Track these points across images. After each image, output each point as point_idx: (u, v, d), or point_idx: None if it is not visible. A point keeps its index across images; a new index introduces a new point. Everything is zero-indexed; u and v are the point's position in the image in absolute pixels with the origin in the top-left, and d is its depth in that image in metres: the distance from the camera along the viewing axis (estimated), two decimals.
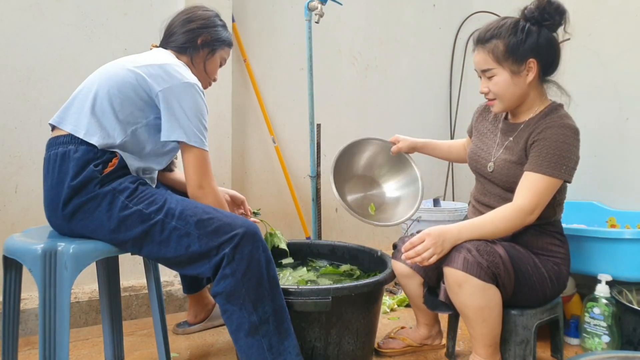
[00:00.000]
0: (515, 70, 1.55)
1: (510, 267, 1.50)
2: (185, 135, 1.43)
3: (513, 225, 1.50)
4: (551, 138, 1.51)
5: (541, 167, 1.50)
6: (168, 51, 1.60)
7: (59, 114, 1.46)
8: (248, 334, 1.39)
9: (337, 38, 2.90)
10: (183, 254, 1.38)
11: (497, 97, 1.60)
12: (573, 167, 1.53)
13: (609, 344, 1.78)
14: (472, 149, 1.79)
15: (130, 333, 2.05)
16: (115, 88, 1.42)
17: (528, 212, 1.50)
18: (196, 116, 1.45)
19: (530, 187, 1.51)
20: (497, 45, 1.54)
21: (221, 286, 1.39)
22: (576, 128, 1.54)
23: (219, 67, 1.71)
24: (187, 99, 1.43)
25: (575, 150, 1.52)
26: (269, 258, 1.44)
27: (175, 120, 1.43)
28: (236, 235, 1.38)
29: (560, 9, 1.54)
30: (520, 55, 1.53)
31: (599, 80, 2.24)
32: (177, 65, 1.48)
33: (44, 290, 1.29)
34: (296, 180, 2.77)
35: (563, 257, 1.63)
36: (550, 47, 1.56)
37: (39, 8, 2.06)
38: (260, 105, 2.64)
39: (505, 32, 1.54)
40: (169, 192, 1.46)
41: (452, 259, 1.47)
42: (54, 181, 1.39)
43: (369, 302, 1.67)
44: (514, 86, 1.56)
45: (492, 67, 1.56)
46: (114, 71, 1.45)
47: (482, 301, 1.47)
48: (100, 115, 1.41)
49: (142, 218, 1.37)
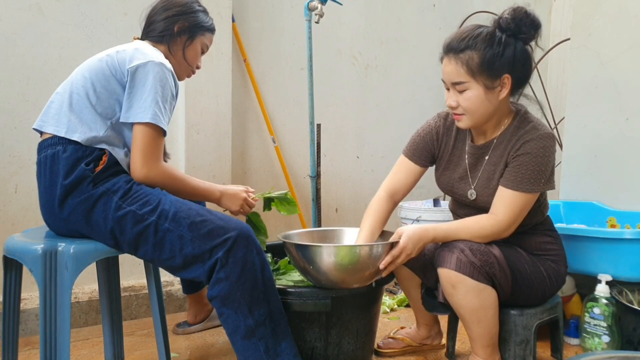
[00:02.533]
0: (489, 86, 1.44)
1: (506, 266, 1.50)
2: (138, 114, 1.39)
3: (488, 238, 1.50)
4: (531, 152, 1.46)
5: (520, 185, 1.46)
6: (145, 42, 1.57)
7: (41, 118, 1.45)
8: (244, 337, 1.38)
9: (337, 38, 2.90)
10: (176, 256, 1.38)
11: (467, 113, 1.48)
12: (550, 175, 1.52)
13: (609, 344, 1.78)
14: (442, 179, 1.67)
15: (130, 333, 2.05)
16: (89, 81, 1.42)
17: (505, 228, 1.49)
18: (154, 91, 1.39)
19: (508, 203, 1.48)
20: (472, 57, 1.42)
21: (216, 290, 1.38)
22: (551, 133, 1.50)
23: (202, 54, 1.68)
24: (151, 77, 1.39)
25: (552, 159, 1.50)
26: (263, 260, 1.43)
27: (132, 99, 1.40)
28: (229, 239, 1.38)
29: (535, 23, 1.45)
30: (496, 70, 1.42)
31: (599, 80, 2.24)
32: (148, 49, 1.46)
33: (45, 290, 1.29)
34: (296, 180, 2.77)
35: (558, 253, 1.63)
36: (526, 62, 1.47)
37: (39, 8, 2.06)
38: (260, 105, 2.64)
39: (481, 43, 1.42)
40: (164, 192, 1.45)
41: (445, 260, 1.46)
42: (47, 183, 1.39)
43: (369, 302, 1.67)
44: (487, 102, 1.45)
45: (464, 81, 1.44)
46: (87, 65, 1.46)
47: (476, 302, 1.46)
48: (78, 111, 1.40)
49: (135, 219, 1.36)
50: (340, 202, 2.98)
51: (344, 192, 2.99)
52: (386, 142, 3.15)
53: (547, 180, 1.50)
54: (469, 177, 1.60)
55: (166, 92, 1.42)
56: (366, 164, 3.10)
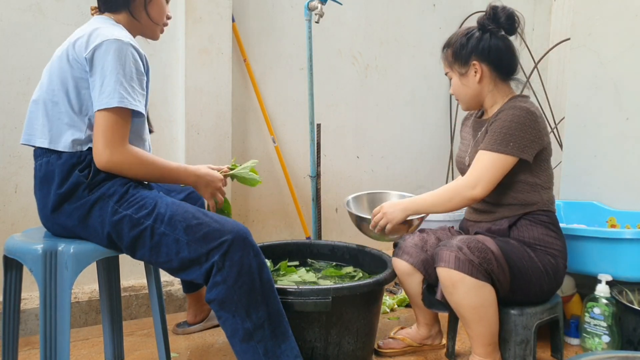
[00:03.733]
0: (462, 72, 1.70)
1: (504, 262, 1.51)
2: (102, 100, 1.30)
3: (451, 198, 1.62)
4: (501, 118, 1.60)
5: (487, 144, 1.59)
6: (104, 16, 1.46)
7: (25, 131, 1.42)
8: (243, 340, 1.38)
9: (337, 38, 2.90)
10: (173, 259, 1.37)
11: (457, 97, 1.76)
12: (526, 145, 1.56)
13: (609, 344, 1.78)
14: (457, 153, 1.89)
15: (130, 333, 2.05)
16: (57, 84, 1.36)
17: (469, 186, 1.58)
18: (115, 72, 1.30)
19: (475, 163, 1.61)
20: (449, 52, 1.72)
21: (213, 293, 1.37)
22: (530, 109, 1.60)
23: (167, 3, 1.56)
24: (109, 58, 1.31)
25: (526, 129, 1.57)
26: (261, 262, 1.41)
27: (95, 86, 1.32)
28: (225, 242, 1.36)
29: (507, 13, 1.65)
30: (463, 58, 1.67)
31: (599, 80, 2.24)
32: (104, 28, 1.36)
33: (45, 290, 1.29)
34: (296, 180, 2.77)
35: (559, 249, 1.63)
36: (496, 50, 1.65)
37: (39, 8, 2.06)
38: (260, 105, 2.64)
39: (455, 40, 1.70)
40: (160, 194, 1.44)
41: (443, 258, 1.48)
42: (44, 191, 1.39)
43: (369, 302, 1.67)
44: (464, 87, 1.71)
45: (447, 71, 1.74)
46: (52, 68, 1.40)
47: (477, 300, 1.47)
48: (56, 118, 1.36)
49: (132, 223, 1.36)
50: (340, 202, 2.98)
51: (344, 192, 2.98)
52: (386, 142, 3.15)
53: (518, 146, 1.56)
54: (470, 147, 1.77)
55: (129, 69, 1.33)
56: (366, 164, 3.10)
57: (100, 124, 1.31)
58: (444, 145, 3.38)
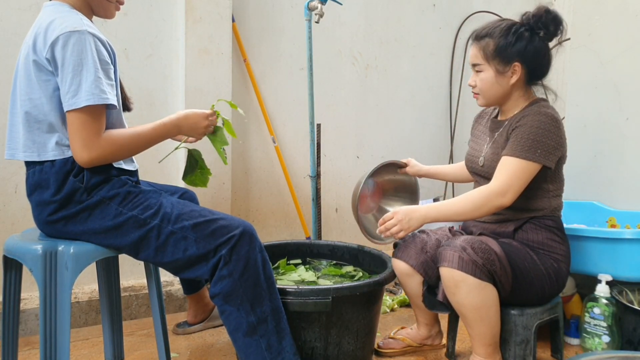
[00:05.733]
0: (500, 70, 1.62)
1: (506, 263, 1.51)
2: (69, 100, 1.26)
3: (481, 206, 1.53)
4: (527, 124, 1.56)
5: (515, 151, 1.55)
6: (57, 1, 1.37)
7: (8, 145, 1.39)
8: (246, 334, 1.39)
9: (337, 38, 2.90)
10: (180, 257, 1.38)
11: (480, 92, 1.67)
12: (550, 152, 1.55)
13: (609, 344, 1.78)
14: (468, 151, 1.83)
15: (130, 333, 2.05)
16: (26, 93, 1.32)
17: (499, 194, 1.52)
18: (77, 67, 1.25)
19: (502, 169, 1.55)
20: (488, 44, 1.62)
21: (218, 287, 1.38)
22: (554, 116, 1.58)
23: None
24: (68, 53, 1.25)
25: (552, 135, 1.55)
26: (265, 258, 1.44)
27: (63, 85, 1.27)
28: (233, 237, 1.39)
29: (556, 19, 1.62)
30: (507, 57, 1.60)
31: (599, 80, 2.24)
32: (57, 19, 1.29)
33: (45, 290, 1.29)
34: (296, 180, 2.77)
35: (563, 254, 1.63)
36: (538, 55, 1.61)
37: (39, 8, 2.05)
38: (260, 105, 2.64)
39: (498, 33, 1.61)
40: (162, 194, 1.44)
41: (446, 258, 1.48)
42: (37, 198, 1.37)
43: (369, 302, 1.66)
44: (497, 85, 1.63)
45: (480, 63, 1.64)
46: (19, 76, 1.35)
47: (479, 300, 1.47)
48: (36, 127, 1.33)
49: (138, 224, 1.36)
50: (340, 202, 2.98)
51: (344, 192, 2.98)
52: (386, 142, 3.15)
53: (544, 154, 1.54)
54: (485, 147, 1.73)
55: (91, 61, 1.26)
56: (366, 164, 3.09)
57: (73, 124, 1.28)
58: (444, 146, 3.37)
